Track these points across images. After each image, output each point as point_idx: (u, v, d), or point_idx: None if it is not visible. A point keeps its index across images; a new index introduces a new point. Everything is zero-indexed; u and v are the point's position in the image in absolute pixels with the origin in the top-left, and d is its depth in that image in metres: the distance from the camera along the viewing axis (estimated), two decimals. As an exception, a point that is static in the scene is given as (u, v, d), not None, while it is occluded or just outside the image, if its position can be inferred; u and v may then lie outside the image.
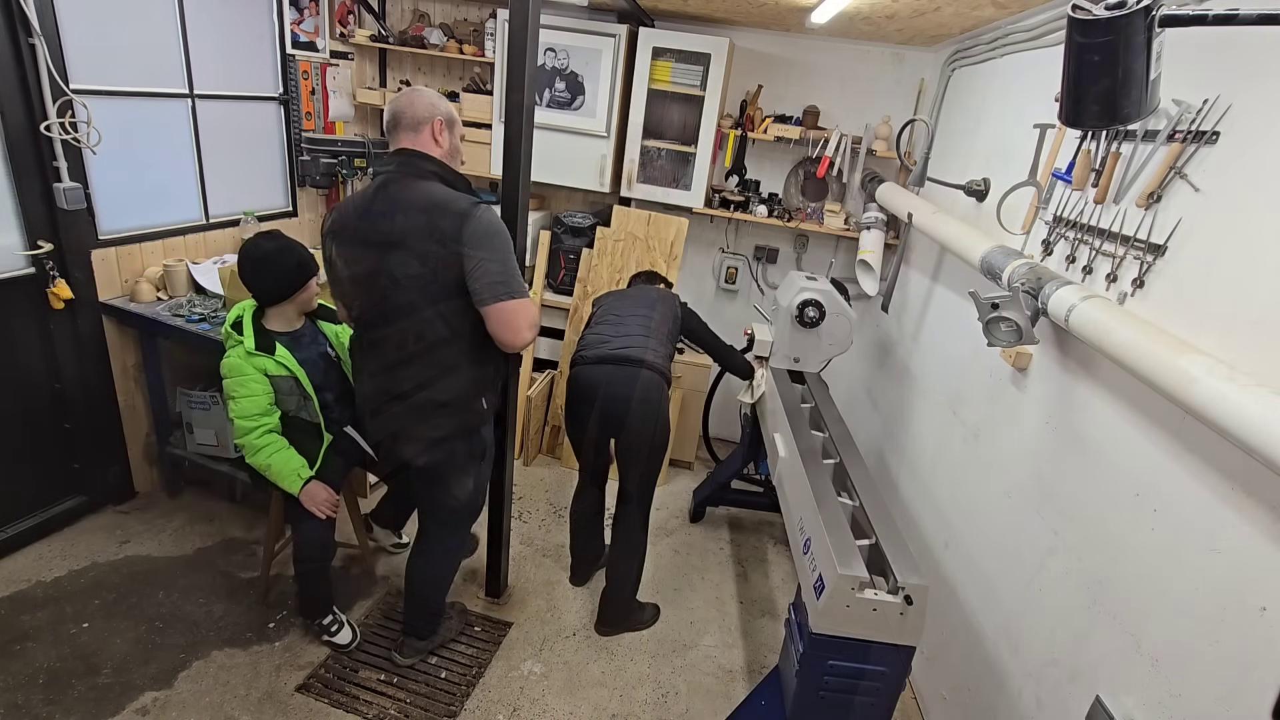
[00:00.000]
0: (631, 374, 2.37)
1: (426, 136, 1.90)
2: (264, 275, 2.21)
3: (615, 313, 2.61)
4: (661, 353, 2.48)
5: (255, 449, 2.18)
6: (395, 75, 3.96)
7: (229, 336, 2.22)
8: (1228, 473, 1.25)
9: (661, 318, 2.60)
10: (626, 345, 2.44)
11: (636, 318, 2.57)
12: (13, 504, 2.59)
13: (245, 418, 2.17)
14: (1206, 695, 1.24)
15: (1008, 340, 1.75)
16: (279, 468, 2.19)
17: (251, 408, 2.17)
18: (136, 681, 2.15)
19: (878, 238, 3.25)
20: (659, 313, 2.62)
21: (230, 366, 2.18)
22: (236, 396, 2.17)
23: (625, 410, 2.37)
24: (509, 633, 2.54)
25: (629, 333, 2.50)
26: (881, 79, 3.41)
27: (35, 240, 2.46)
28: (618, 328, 2.53)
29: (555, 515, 3.26)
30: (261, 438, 2.18)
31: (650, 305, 2.65)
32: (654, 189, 3.50)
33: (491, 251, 1.81)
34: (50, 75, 2.33)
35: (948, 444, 2.48)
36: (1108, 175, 1.66)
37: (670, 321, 2.63)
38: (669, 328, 2.60)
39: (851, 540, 1.89)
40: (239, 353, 2.17)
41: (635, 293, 2.77)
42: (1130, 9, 1.15)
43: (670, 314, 2.65)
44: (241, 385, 2.16)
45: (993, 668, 1.96)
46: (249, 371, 2.17)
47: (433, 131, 1.90)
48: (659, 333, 2.53)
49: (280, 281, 2.23)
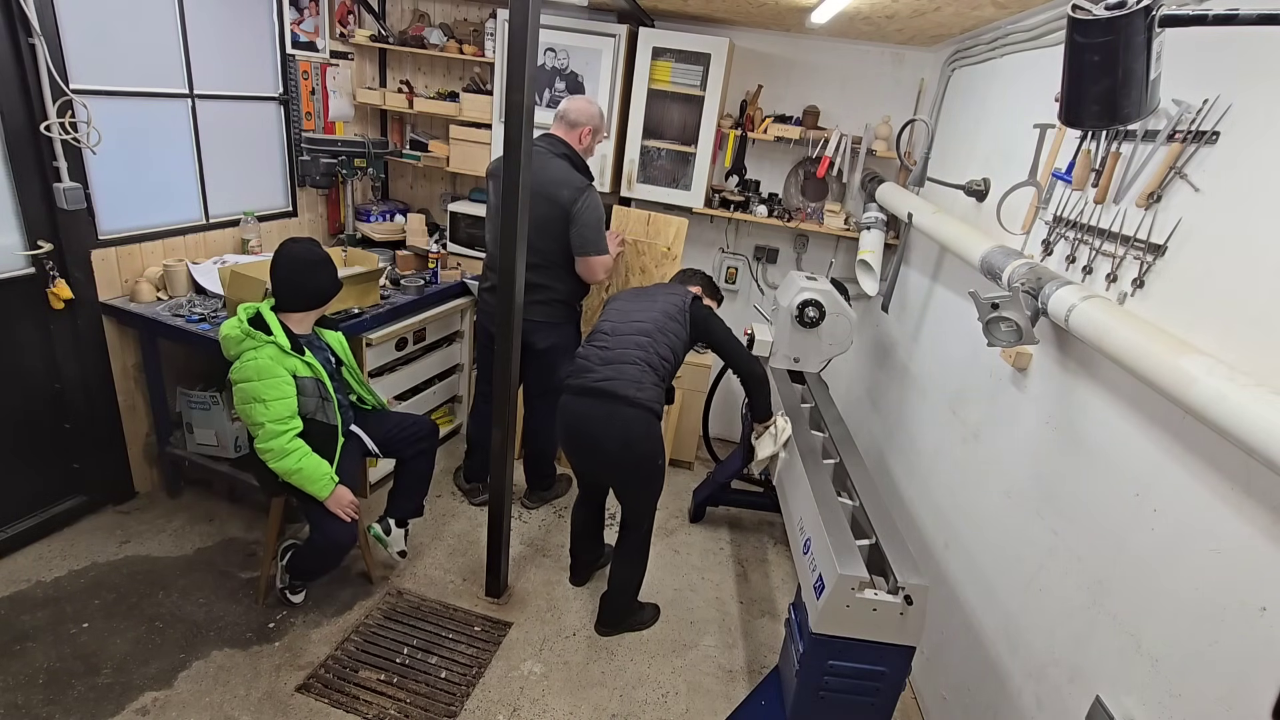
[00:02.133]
0: (611, 413, 2.24)
1: (575, 134, 2.72)
2: (311, 279, 2.22)
3: (613, 319, 2.44)
4: (654, 375, 2.30)
5: (285, 453, 2.14)
6: (395, 75, 3.96)
7: (249, 336, 2.13)
8: (1228, 473, 1.25)
9: (664, 321, 2.38)
10: (611, 377, 2.27)
11: (635, 324, 2.38)
12: (13, 504, 2.59)
13: (277, 421, 2.12)
14: (1206, 695, 1.24)
15: (1008, 340, 1.75)
16: (310, 472, 2.18)
17: (284, 410, 2.13)
18: (136, 681, 2.15)
19: (878, 238, 3.25)
20: (660, 314, 2.39)
21: (260, 368, 2.10)
22: (268, 399, 2.10)
23: (609, 452, 2.30)
24: (509, 633, 2.54)
25: (621, 347, 2.32)
26: (881, 79, 3.41)
27: (35, 240, 2.46)
28: (611, 340, 2.36)
29: (555, 515, 3.26)
30: (291, 441, 2.15)
31: (652, 301, 2.44)
32: (654, 189, 3.50)
33: (586, 219, 2.65)
34: (50, 75, 2.33)
35: (948, 444, 2.47)
36: (1108, 175, 1.66)
37: (675, 325, 2.39)
38: (672, 337, 2.37)
39: (851, 540, 1.89)
40: (270, 353, 2.11)
41: (651, 290, 2.55)
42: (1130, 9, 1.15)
43: (675, 315, 2.40)
44: (273, 387, 2.11)
45: (993, 668, 1.96)
46: (280, 373, 2.12)
47: (581, 133, 2.73)
48: (659, 342, 2.34)
49: (323, 289, 2.27)
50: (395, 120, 4.03)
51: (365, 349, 2.90)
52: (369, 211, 3.82)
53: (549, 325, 2.82)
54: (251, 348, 2.13)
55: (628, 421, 2.25)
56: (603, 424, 2.27)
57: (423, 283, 3.33)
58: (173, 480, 3.02)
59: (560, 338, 2.87)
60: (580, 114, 2.70)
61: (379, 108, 3.85)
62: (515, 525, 3.03)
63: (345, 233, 3.71)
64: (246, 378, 2.12)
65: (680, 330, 2.41)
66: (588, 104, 2.73)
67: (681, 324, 2.42)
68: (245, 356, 2.14)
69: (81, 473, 2.78)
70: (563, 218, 2.64)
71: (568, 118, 2.70)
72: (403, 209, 4.00)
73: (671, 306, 2.43)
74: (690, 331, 2.43)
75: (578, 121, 2.70)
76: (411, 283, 3.30)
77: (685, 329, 2.42)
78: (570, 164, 2.68)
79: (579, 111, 2.70)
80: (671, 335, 2.38)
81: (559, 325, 2.86)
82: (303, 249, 2.24)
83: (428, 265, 3.50)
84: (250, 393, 2.12)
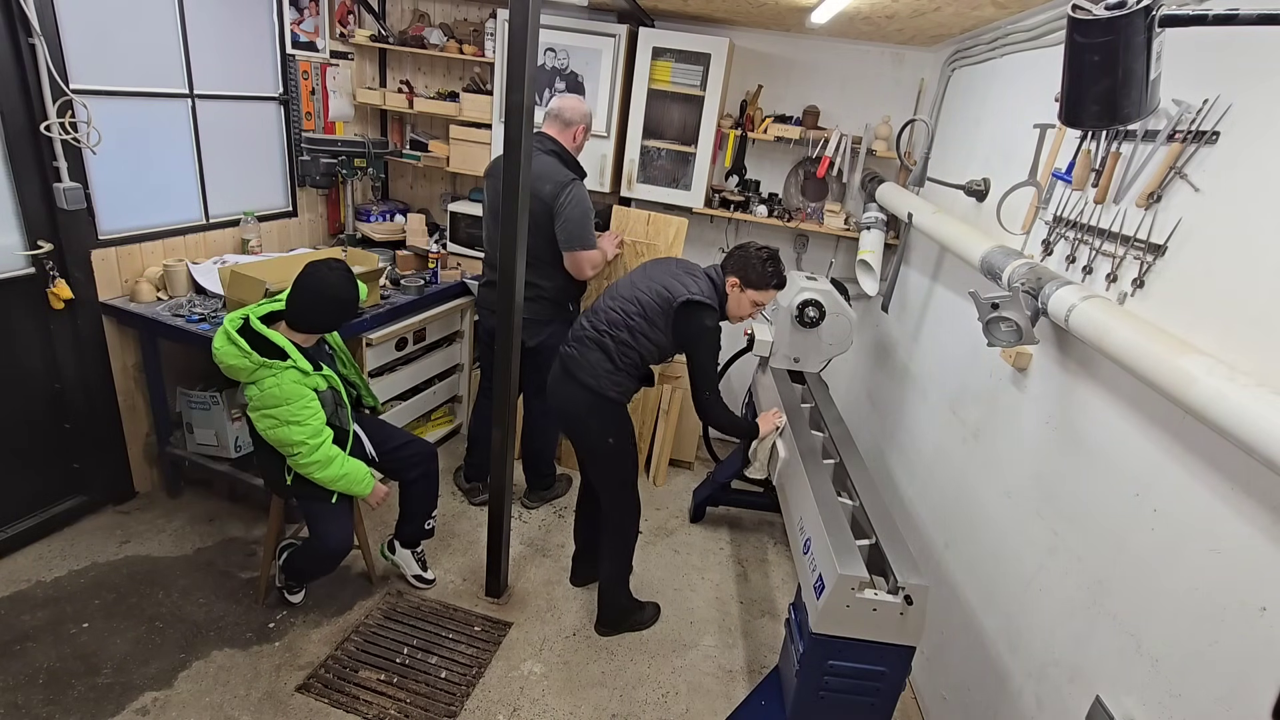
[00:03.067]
0: (567, 388, 2.35)
1: (570, 132, 2.75)
2: (338, 316, 2.21)
3: (609, 293, 2.39)
4: (610, 364, 2.24)
5: (328, 461, 2.17)
6: (395, 75, 3.96)
7: (263, 365, 2.06)
8: (1228, 473, 1.25)
9: (647, 310, 2.25)
10: (574, 354, 2.32)
11: (620, 300, 2.30)
12: (13, 504, 2.59)
13: (314, 436, 2.13)
14: (1206, 695, 1.24)
15: (1008, 340, 1.75)
16: (354, 474, 2.23)
17: (318, 424, 2.15)
18: (136, 681, 2.15)
19: (878, 238, 3.25)
20: (650, 300, 2.25)
21: (290, 393, 2.08)
22: (303, 420, 2.10)
23: (565, 423, 2.43)
24: (509, 633, 2.54)
25: (596, 326, 2.31)
26: (881, 79, 3.41)
27: (35, 240, 2.46)
28: (592, 317, 2.35)
29: (555, 515, 3.26)
30: (331, 450, 2.18)
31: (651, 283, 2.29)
32: (654, 189, 3.50)
33: (570, 213, 2.65)
34: (50, 75, 2.33)
35: (948, 444, 2.47)
36: (1108, 175, 1.66)
37: (655, 322, 2.25)
38: (646, 334, 2.26)
39: (851, 540, 1.89)
40: (294, 376, 2.09)
41: (666, 266, 2.36)
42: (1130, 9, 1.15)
43: (659, 311, 2.24)
44: (306, 408, 2.11)
45: (993, 668, 1.96)
46: (306, 393, 2.12)
47: (576, 131, 2.76)
48: (633, 331, 2.25)
49: (346, 321, 2.28)
50: (395, 120, 4.03)
51: (365, 349, 2.90)
52: (369, 211, 3.82)
53: (537, 323, 2.82)
54: (270, 374, 2.07)
55: (574, 397, 2.33)
56: (560, 397, 2.39)
57: (423, 283, 3.33)
58: (173, 480, 3.02)
59: (550, 336, 2.85)
60: (574, 113, 2.74)
61: (379, 108, 3.85)
62: (515, 525, 3.03)
63: (345, 233, 3.71)
64: (275, 403, 2.07)
65: (657, 334, 2.25)
66: (579, 103, 2.78)
67: (663, 328, 2.25)
68: (266, 384, 2.07)
69: (81, 473, 2.78)
70: (547, 213, 2.66)
71: (562, 116, 2.73)
72: (403, 209, 4.00)
73: (662, 299, 2.24)
74: (673, 338, 2.26)
75: (572, 120, 2.73)
76: (411, 283, 3.30)
77: (666, 334, 2.25)
78: (559, 160, 2.71)
79: (573, 110, 2.73)
80: (645, 332, 2.25)
81: (547, 323, 2.86)
82: (337, 283, 2.15)
83: (428, 265, 3.51)
84: (282, 417, 2.09)
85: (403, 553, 2.67)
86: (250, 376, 2.07)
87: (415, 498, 2.59)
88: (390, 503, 2.70)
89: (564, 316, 2.92)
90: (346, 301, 2.20)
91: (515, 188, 2.07)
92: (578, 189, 2.68)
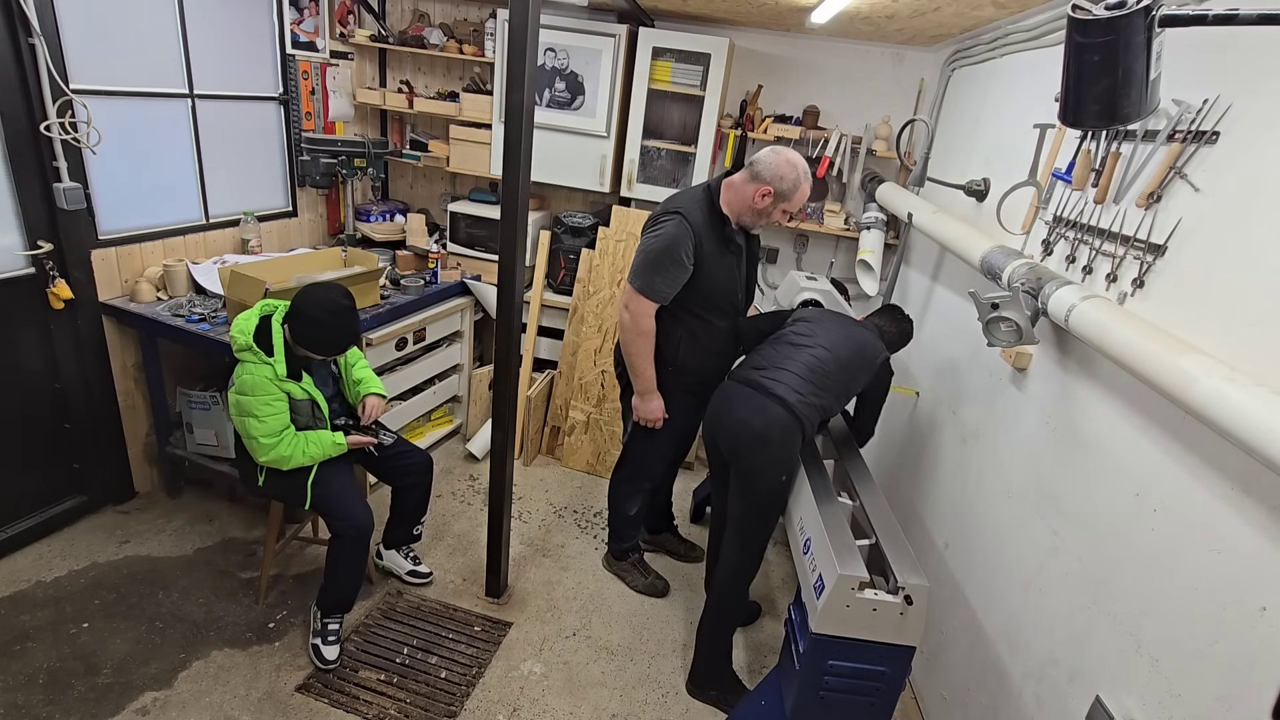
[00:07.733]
0: (763, 404, 2.11)
1: (747, 189, 2.25)
2: (338, 333, 2.18)
3: (800, 332, 2.28)
4: (815, 399, 2.15)
5: (287, 458, 2.16)
6: (395, 75, 3.96)
7: (250, 350, 2.11)
8: (1228, 473, 1.25)
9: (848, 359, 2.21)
10: (774, 379, 2.15)
11: (819, 347, 2.21)
12: (13, 504, 2.59)
13: (269, 435, 2.12)
14: (1206, 695, 1.24)
15: (1008, 340, 1.75)
16: (316, 450, 2.21)
17: (277, 425, 2.14)
18: (136, 681, 2.15)
19: (878, 238, 3.26)
20: (850, 350, 2.22)
21: (252, 384, 2.10)
22: (260, 415, 2.10)
23: (741, 435, 2.14)
24: (509, 633, 2.54)
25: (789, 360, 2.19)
26: (881, 79, 3.41)
27: (35, 240, 2.46)
28: (782, 349, 2.25)
29: (555, 515, 3.26)
30: (289, 445, 2.16)
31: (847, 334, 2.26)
32: (654, 189, 3.50)
33: (644, 242, 2.32)
34: (50, 75, 2.33)
35: (947, 444, 2.48)
36: (1108, 175, 1.66)
37: (859, 372, 2.24)
38: (846, 381, 2.22)
39: (851, 540, 1.89)
40: (267, 373, 2.11)
41: (846, 322, 2.35)
42: (1130, 9, 1.15)
43: (864, 362, 2.24)
44: (265, 404, 2.11)
45: (993, 668, 1.96)
46: (273, 390, 2.13)
47: (756, 191, 2.23)
48: (831, 377, 2.17)
49: (347, 343, 2.25)
50: (395, 120, 4.03)
51: (365, 349, 2.90)
52: (369, 211, 3.82)
53: None
54: (250, 361, 2.12)
55: (771, 416, 2.09)
56: (749, 409, 2.13)
57: (423, 283, 3.33)
58: (173, 480, 3.02)
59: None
60: (768, 171, 2.21)
61: (379, 108, 3.85)
62: (515, 525, 3.03)
63: (345, 233, 3.71)
64: (243, 390, 2.12)
65: (857, 383, 2.26)
66: (787, 166, 2.20)
67: (864, 377, 2.26)
68: (243, 368, 2.13)
69: (81, 473, 2.78)
70: None
71: (754, 168, 2.24)
72: (403, 209, 4.00)
73: (867, 353, 2.25)
74: (871, 385, 2.31)
75: (760, 175, 2.22)
76: (411, 283, 3.30)
77: (859, 385, 2.27)
78: (704, 206, 2.29)
79: (769, 167, 2.21)
80: (845, 379, 2.21)
81: None
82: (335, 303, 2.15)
83: (428, 265, 3.51)
84: (244, 406, 2.12)
85: (390, 554, 2.69)
86: (237, 355, 2.15)
87: (408, 504, 2.59)
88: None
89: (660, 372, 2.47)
90: (347, 334, 2.21)
91: (515, 187, 2.07)
92: (668, 225, 2.26)
